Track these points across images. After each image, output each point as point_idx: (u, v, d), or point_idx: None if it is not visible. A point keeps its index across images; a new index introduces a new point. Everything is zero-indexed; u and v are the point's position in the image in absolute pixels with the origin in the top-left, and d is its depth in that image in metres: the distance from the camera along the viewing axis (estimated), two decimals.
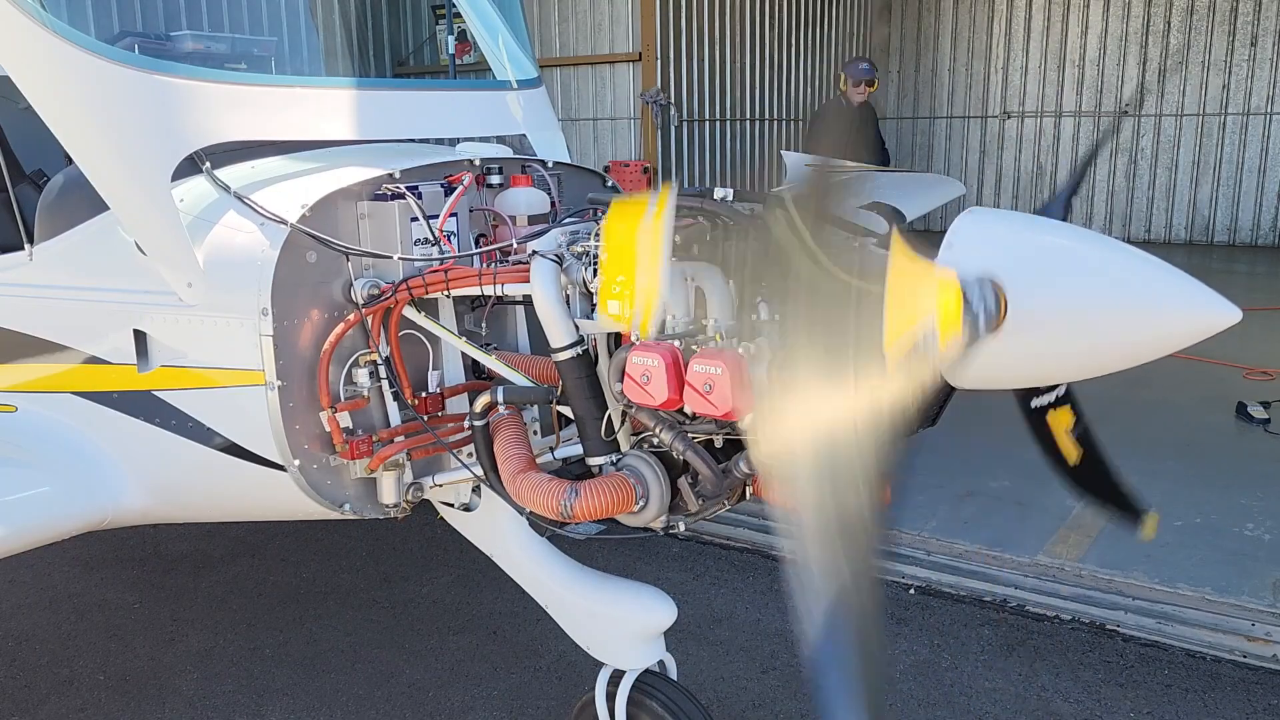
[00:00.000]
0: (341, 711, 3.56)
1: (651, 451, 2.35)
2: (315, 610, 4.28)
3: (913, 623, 4.07)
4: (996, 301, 1.69)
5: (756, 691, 3.62)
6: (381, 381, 2.60)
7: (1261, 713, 3.43)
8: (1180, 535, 4.66)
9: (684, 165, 11.14)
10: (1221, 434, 6.15)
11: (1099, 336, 1.72)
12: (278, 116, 2.80)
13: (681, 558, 4.67)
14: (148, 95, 2.50)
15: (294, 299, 2.45)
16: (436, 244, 2.57)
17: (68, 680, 3.79)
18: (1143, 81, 13.57)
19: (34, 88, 2.40)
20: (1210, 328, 1.64)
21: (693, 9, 10.77)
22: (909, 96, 15.39)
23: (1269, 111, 13.04)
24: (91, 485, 2.86)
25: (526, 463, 2.37)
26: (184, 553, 4.87)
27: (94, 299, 2.81)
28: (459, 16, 4.02)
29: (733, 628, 4.05)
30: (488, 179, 2.88)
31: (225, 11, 7.04)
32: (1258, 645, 3.80)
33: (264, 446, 2.54)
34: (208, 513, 3.32)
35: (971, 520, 4.87)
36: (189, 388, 2.66)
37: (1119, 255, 1.75)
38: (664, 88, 10.52)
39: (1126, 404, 6.49)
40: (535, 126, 3.53)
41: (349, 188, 2.57)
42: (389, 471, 2.65)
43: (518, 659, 3.85)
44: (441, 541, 4.77)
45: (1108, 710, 3.47)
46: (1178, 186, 13.77)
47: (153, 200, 2.49)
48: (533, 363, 2.56)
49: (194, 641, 4.05)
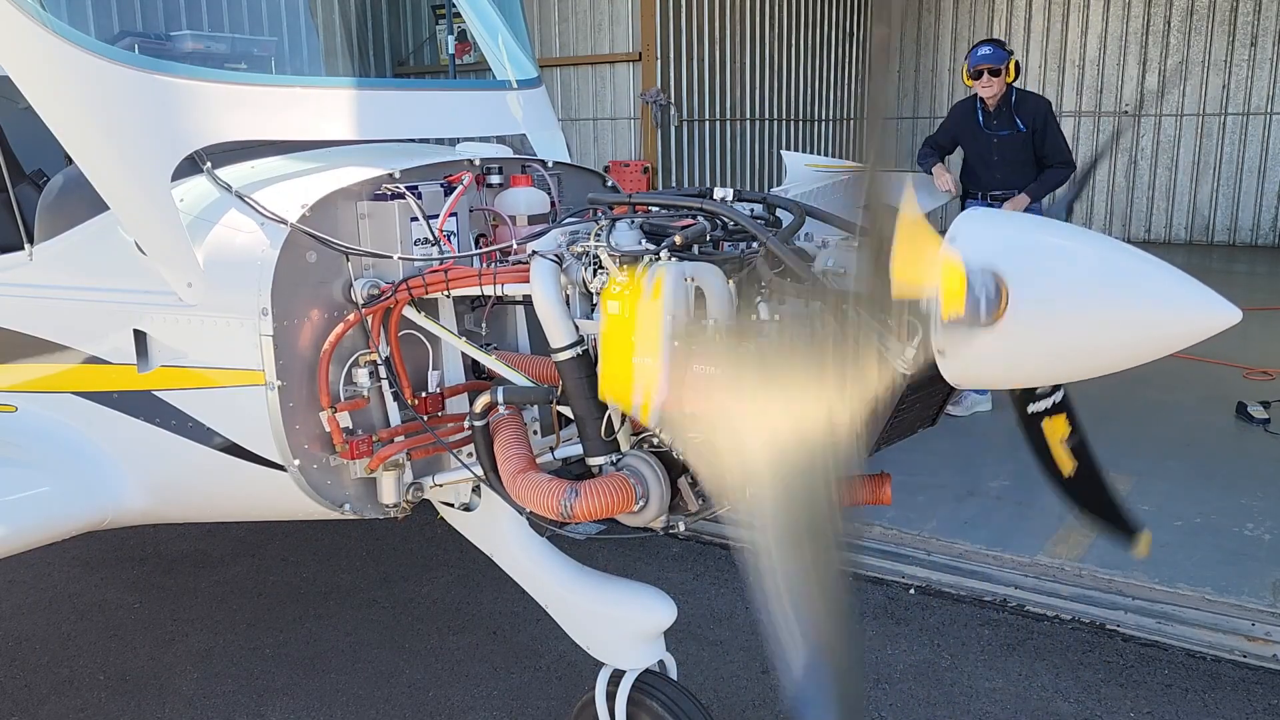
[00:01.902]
0: (341, 711, 3.56)
1: (651, 451, 2.35)
2: (315, 610, 4.28)
3: (913, 623, 4.07)
4: (997, 291, 1.69)
5: (756, 691, 3.62)
6: (381, 381, 2.61)
7: (1261, 713, 3.43)
8: (1180, 535, 4.66)
9: (684, 165, 11.14)
10: (1221, 434, 6.15)
11: (1099, 336, 1.72)
12: (278, 116, 2.80)
13: (681, 558, 4.67)
14: (148, 95, 2.50)
15: (294, 299, 2.45)
16: (436, 244, 2.58)
17: (68, 680, 3.79)
18: (1143, 85, 13.57)
19: (34, 88, 2.40)
20: (1210, 328, 1.65)
21: (693, 9, 10.77)
22: (909, 96, 15.38)
23: (1269, 111, 13.04)
24: (91, 485, 2.86)
25: (526, 463, 2.37)
26: (184, 553, 4.87)
27: (94, 299, 2.81)
28: (459, 16, 4.02)
29: (733, 628, 4.05)
30: (488, 179, 2.88)
31: (225, 11, 7.03)
32: (1258, 645, 3.80)
33: (264, 446, 2.54)
34: (208, 513, 3.32)
35: (971, 520, 4.86)
36: (189, 388, 2.66)
37: (1119, 255, 1.75)
38: (664, 88, 10.52)
39: (1126, 404, 6.49)
40: (535, 126, 3.53)
41: (349, 188, 2.57)
42: (389, 471, 2.65)
43: (518, 659, 3.85)
44: (441, 541, 4.77)
45: (1108, 710, 3.47)
46: (1178, 186, 13.77)
47: (153, 200, 2.49)
48: (533, 363, 2.56)
49: (194, 641, 4.05)
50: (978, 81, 6.17)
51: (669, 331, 2.01)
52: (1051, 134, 6.21)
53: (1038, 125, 6.19)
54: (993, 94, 6.19)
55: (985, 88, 6.17)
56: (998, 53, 6.12)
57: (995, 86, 6.15)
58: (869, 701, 3.54)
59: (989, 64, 6.12)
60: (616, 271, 2.22)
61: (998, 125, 6.28)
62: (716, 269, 2.10)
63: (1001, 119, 6.28)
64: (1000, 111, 6.27)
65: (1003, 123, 6.27)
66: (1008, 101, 6.26)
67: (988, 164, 6.37)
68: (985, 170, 6.38)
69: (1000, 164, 6.32)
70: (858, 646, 1.86)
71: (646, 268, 2.07)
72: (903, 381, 1.92)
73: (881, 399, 1.72)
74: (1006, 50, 6.17)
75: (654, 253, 2.20)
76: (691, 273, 2.11)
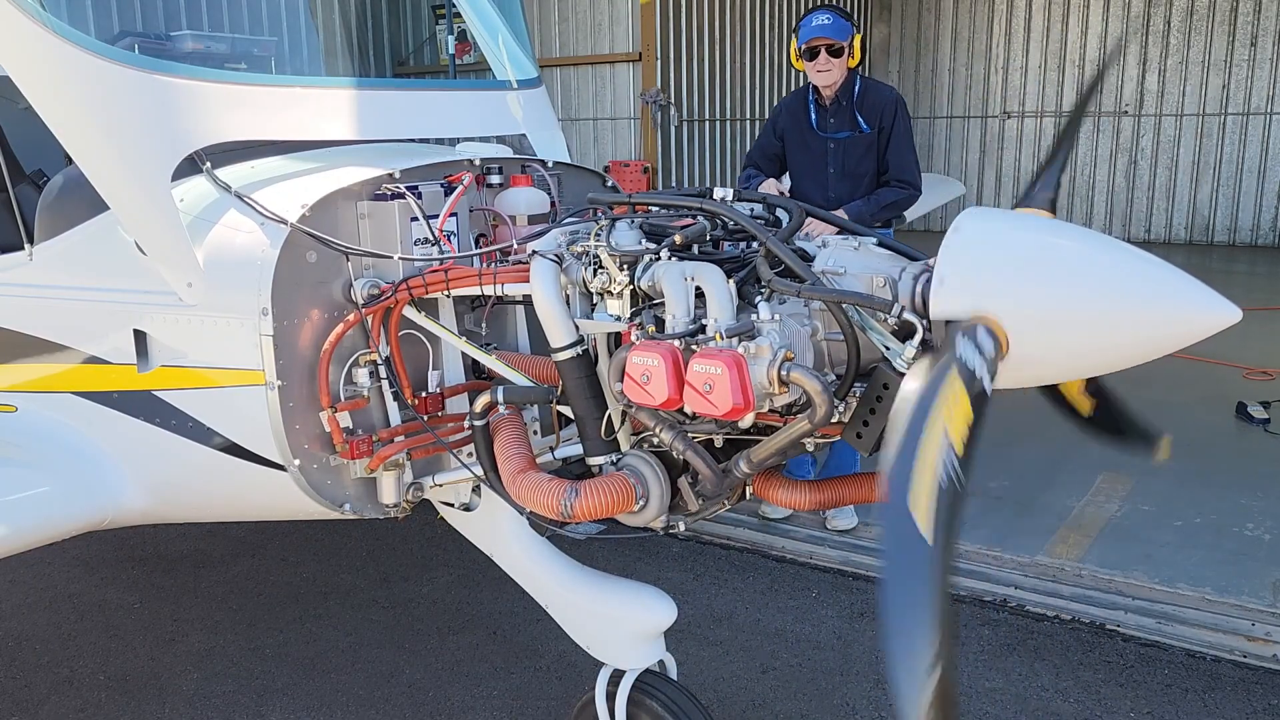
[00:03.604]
0: (341, 711, 3.56)
1: (651, 451, 2.36)
2: (315, 610, 4.28)
3: None
4: (996, 344, 1.71)
5: (756, 691, 3.62)
6: (381, 381, 2.61)
7: (1261, 713, 3.43)
8: (1180, 535, 4.66)
9: (684, 165, 11.14)
10: (1221, 434, 6.15)
11: (1100, 337, 1.73)
12: (278, 116, 2.80)
13: (681, 558, 4.67)
14: (148, 95, 2.50)
15: (294, 299, 2.45)
16: (436, 244, 2.58)
17: (68, 680, 3.79)
18: (1143, 85, 13.57)
19: (34, 88, 2.40)
20: (1210, 328, 1.65)
21: (693, 9, 10.77)
22: (909, 96, 15.36)
23: (1269, 111, 13.03)
24: (91, 485, 2.86)
25: (526, 462, 2.37)
26: (184, 553, 4.87)
27: (94, 299, 2.81)
28: (459, 16, 4.02)
29: (733, 628, 4.05)
30: (488, 179, 2.88)
31: (225, 11, 7.02)
32: (1258, 645, 3.80)
33: (264, 446, 2.54)
34: (208, 513, 3.32)
35: (971, 520, 4.86)
36: (189, 387, 2.66)
37: (1119, 255, 1.75)
38: (664, 88, 10.52)
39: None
40: (535, 126, 3.53)
41: (349, 188, 2.57)
42: (389, 471, 2.65)
43: (518, 659, 3.85)
44: (441, 541, 4.77)
45: (1108, 710, 3.47)
46: (1178, 186, 13.76)
47: (153, 200, 2.49)
48: (533, 363, 2.56)
49: (194, 641, 4.05)
50: (811, 64, 4.40)
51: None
52: (899, 138, 4.50)
53: (885, 124, 4.49)
54: (831, 82, 4.43)
55: (821, 72, 4.39)
56: (839, 22, 4.35)
57: (835, 72, 4.39)
58: (871, 703, 3.54)
59: (827, 38, 4.33)
60: (616, 272, 2.22)
61: (835, 125, 4.53)
62: (717, 269, 2.11)
63: (841, 117, 4.52)
64: (839, 107, 4.50)
65: (842, 121, 4.52)
66: (849, 93, 4.49)
67: (820, 180, 4.59)
68: (817, 188, 4.56)
69: (838, 178, 4.57)
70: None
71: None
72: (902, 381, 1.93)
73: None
74: (851, 21, 4.45)
75: (654, 253, 2.20)
76: (692, 273, 2.11)
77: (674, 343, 2.05)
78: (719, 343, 2.00)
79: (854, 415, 2.06)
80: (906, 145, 4.54)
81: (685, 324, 2.09)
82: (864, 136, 4.51)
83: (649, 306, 2.21)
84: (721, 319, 2.04)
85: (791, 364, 1.97)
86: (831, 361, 2.12)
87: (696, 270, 2.11)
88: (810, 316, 2.11)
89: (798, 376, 1.95)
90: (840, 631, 4.01)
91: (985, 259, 1.79)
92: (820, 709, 3.51)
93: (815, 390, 1.93)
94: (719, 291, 2.06)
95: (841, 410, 2.06)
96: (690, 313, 2.10)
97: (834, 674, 3.72)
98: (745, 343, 1.98)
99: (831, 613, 4.17)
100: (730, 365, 1.93)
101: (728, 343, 1.98)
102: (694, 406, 2.00)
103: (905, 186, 4.50)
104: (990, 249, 1.80)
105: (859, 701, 3.54)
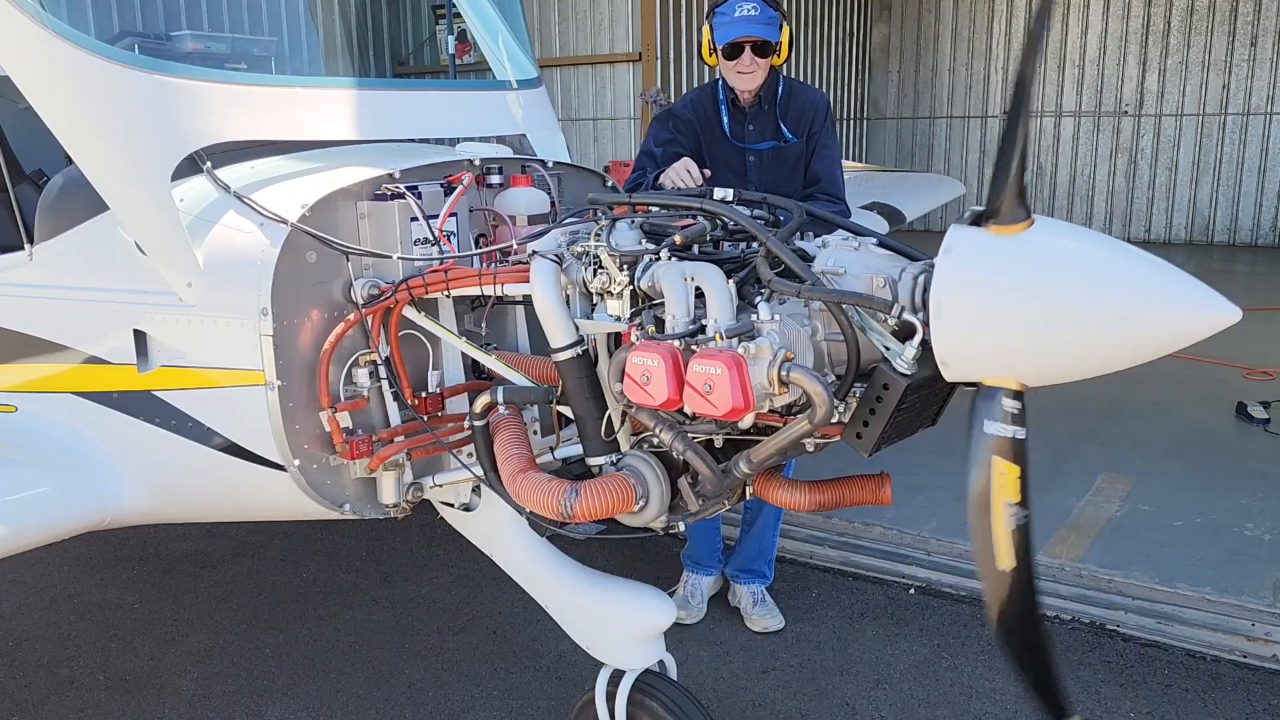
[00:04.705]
0: (341, 711, 3.56)
1: (651, 451, 2.35)
2: (315, 610, 4.28)
3: (913, 623, 4.07)
4: (1018, 398, 1.79)
5: (756, 691, 3.62)
6: (381, 381, 2.60)
7: (1261, 713, 3.43)
8: (1180, 535, 4.66)
9: None
10: (1221, 434, 6.15)
11: (1100, 336, 1.72)
12: (278, 116, 2.80)
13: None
14: (148, 95, 2.49)
15: (294, 299, 2.45)
16: (436, 244, 2.57)
17: (68, 680, 3.79)
18: (1143, 85, 13.57)
19: (34, 88, 2.39)
20: (1210, 328, 1.65)
21: (693, 9, 10.76)
22: (909, 96, 15.39)
23: (1269, 111, 13.04)
24: (91, 485, 2.86)
25: (526, 463, 2.37)
26: (184, 553, 4.87)
27: (94, 299, 2.81)
28: (459, 16, 4.01)
29: (733, 628, 4.05)
30: (488, 179, 2.88)
31: (225, 11, 7.03)
32: (1258, 645, 3.80)
33: (264, 446, 2.54)
34: (208, 513, 3.32)
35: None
36: (189, 388, 2.66)
37: (1119, 255, 1.75)
38: (664, 88, 10.52)
39: (1126, 404, 6.50)
40: (535, 126, 3.52)
41: (349, 188, 2.57)
42: (389, 471, 2.65)
43: (518, 659, 3.85)
44: (441, 541, 4.77)
45: (1108, 710, 3.47)
46: (1178, 186, 13.77)
47: (153, 200, 2.48)
48: (533, 363, 2.56)
49: (194, 641, 4.05)
50: (732, 63, 3.62)
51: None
52: (829, 148, 3.81)
53: (815, 131, 3.79)
54: (754, 86, 3.69)
55: (744, 74, 3.63)
56: (767, 12, 3.56)
57: (760, 74, 3.65)
58: (871, 703, 3.54)
59: (754, 35, 3.56)
60: (616, 272, 2.22)
61: (755, 134, 3.79)
62: (717, 269, 2.10)
63: (761, 124, 3.78)
64: (760, 112, 3.77)
65: (763, 130, 3.79)
66: (772, 97, 3.76)
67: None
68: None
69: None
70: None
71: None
72: (902, 381, 1.93)
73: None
74: (780, 10, 3.63)
75: (654, 253, 2.20)
76: (691, 273, 2.11)
77: (674, 343, 2.05)
78: (719, 343, 1.99)
79: (854, 416, 2.06)
80: (836, 156, 3.84)
81: (685, 324, 2.08)
82: (791, 146, 3.77)
83: (649, 307, 2.21)
84: (721, 319, 2.04)
85: (791, 364, 1.96)
86: (831, 362, 2.12)
87: (696, 270, 2.11)
88: (810, 317, 2.11)
89: (798, 377, 1.95)
90: (840, 631, 4.02)
91: (979, 287, 1.79)
92: (820, 709, 3.52)
93: (815, 391, 1.93)
94: (719, 292, 2.06)
95: (841, 411, 2.07)
96: (690, 313, 2.10)
97: (834, 674, 3.72)
98: (745, 343, 1.98)
99: (831, 613, 4.17)
100: (730, 366, 1.92)
101: (728, 343, 1.98)
102: (694, 407, 2.00)
103: (836, 202, 3.74)
104: (984, 273, 1.79)
105: (859, 701, 3.55)
